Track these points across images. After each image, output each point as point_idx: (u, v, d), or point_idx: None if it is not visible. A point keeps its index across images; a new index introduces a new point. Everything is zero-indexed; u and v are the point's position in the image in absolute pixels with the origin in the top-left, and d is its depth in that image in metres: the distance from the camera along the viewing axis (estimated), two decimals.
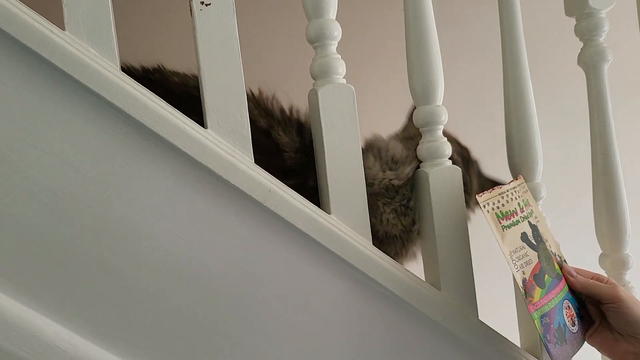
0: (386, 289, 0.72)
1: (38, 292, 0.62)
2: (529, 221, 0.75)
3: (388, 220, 0.82)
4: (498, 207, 0.72)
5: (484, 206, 0.71)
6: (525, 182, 0.79)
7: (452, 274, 0.76)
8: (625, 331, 0.70)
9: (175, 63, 0.80)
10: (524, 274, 0.70)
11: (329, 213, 0.72)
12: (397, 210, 0.82)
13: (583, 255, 0.96)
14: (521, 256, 0.71)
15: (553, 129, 1.78)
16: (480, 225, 0.79)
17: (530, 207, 0.77)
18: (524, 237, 0.73)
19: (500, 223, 0.71)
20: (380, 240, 0.83)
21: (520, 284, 0.69)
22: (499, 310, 0.93)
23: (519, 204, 0.75)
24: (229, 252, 0.67)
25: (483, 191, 0.73)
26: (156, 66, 0.82)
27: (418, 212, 0.81)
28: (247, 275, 0.68)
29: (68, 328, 0.63)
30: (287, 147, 0.79)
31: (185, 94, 0.76)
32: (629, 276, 0.84)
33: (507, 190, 0.74)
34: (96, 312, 0.64)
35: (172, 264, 0.65)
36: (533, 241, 0.74)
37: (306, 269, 0.70)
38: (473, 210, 0.89)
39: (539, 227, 0.76)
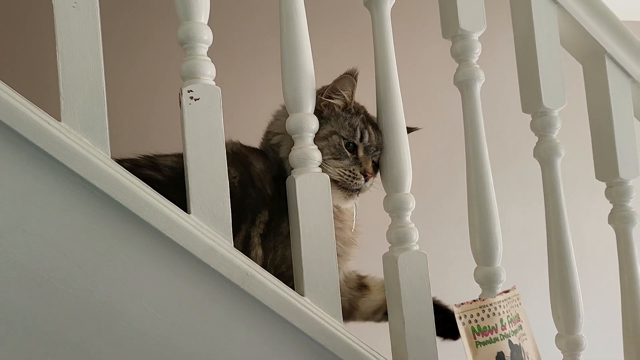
0: None
1: None
2: (510, 340, 0.70)
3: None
4: (476, 321, 0.68)
5: (460, 317, 0.67)
6: (486, 265, 0.84)
7: (419, 356, 0.79)
8: None
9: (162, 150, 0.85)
10: None
11: (302, 295, 0.75)
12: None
13: (545, 320, 1.00)
14: None
15: (516, 200, 1.89)
16: None
17: (519, 323, 0.71)
18: (500, 357, 0.68)
19: (475, 338, 0.67)
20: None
21: None
22: None
23: (501, 320, 0.69)
24: (205, 334, 0.69)
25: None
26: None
27: (386, 290, 0.85)
28: (223, 355, 0.70)
29: None
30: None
31: None
32: (583, 356, 0.89)
33: (491, 304, 0.70)
34: None
35: (148, 345, 0.68)
36: None
37: (279, 349, 0.73)
38: None
39: (523, 347, 0.70)
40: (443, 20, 0.89)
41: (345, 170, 0.91)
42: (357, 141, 0.93)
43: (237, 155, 0.92)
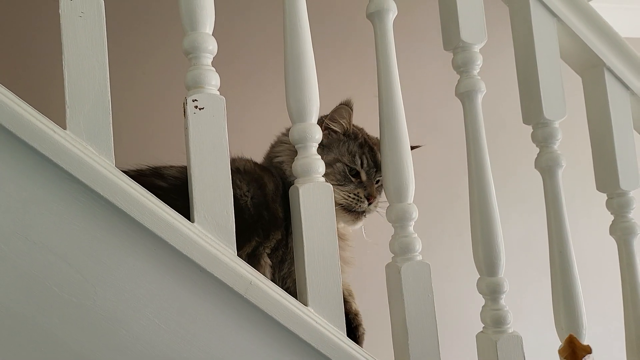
0: None
1: None
2: None
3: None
4: None
5: None
6: (489, 276, 0.84)
7: None
8: None
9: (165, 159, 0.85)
10: None
11: (306, 305, 0.75)
12: None
13: (545, 332, 1.00)
14: None
15: (515, 211, 1.89)
16: None
17: None
18: None
19: None
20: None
21: None
22: None
23: None
24: (207, 344, 0.69)
25: None
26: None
27: (389, 300, 0.84)
28: None
29: None
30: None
31: None
32: None
33: None
34: None
35: (150, 354, 0.67)
36: None
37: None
38: None
39: None
40: (444, 33, 0.90)
41: (350, 193, 1.00)
42: (358, 168, 1.02)
43: (251, 175, 0.94)
